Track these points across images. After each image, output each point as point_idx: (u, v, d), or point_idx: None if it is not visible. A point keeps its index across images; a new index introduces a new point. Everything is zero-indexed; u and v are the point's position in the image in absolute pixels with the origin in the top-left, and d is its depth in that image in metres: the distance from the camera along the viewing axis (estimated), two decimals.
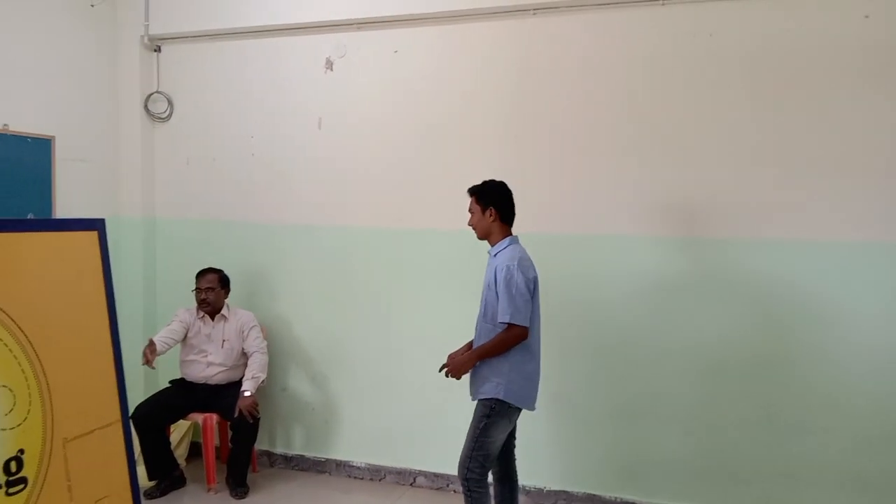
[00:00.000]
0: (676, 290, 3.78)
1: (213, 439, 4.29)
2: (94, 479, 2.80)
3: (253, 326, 4.37)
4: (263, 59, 4.54)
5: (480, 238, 3.34)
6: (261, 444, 4.59)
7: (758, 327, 3.67)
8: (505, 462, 3.41)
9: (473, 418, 3.20)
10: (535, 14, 3.93)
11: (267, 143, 4.56)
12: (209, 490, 4.24)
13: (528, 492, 4.04)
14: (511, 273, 3.09)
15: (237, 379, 4.31)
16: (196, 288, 4.32)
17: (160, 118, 4.77)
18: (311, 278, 4.51)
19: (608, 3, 3.80)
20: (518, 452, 3.49)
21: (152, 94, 4.74)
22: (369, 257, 4.35)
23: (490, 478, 3.29)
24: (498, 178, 3.38)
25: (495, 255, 3.25)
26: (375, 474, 4.42)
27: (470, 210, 3.32)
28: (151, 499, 4.06)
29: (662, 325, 3.81)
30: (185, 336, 4.33)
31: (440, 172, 4.13)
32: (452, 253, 4.11)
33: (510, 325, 3.09)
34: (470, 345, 3.38)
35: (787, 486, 3.65)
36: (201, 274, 4.35)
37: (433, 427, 4.24)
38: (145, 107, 4.73)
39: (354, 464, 4.46)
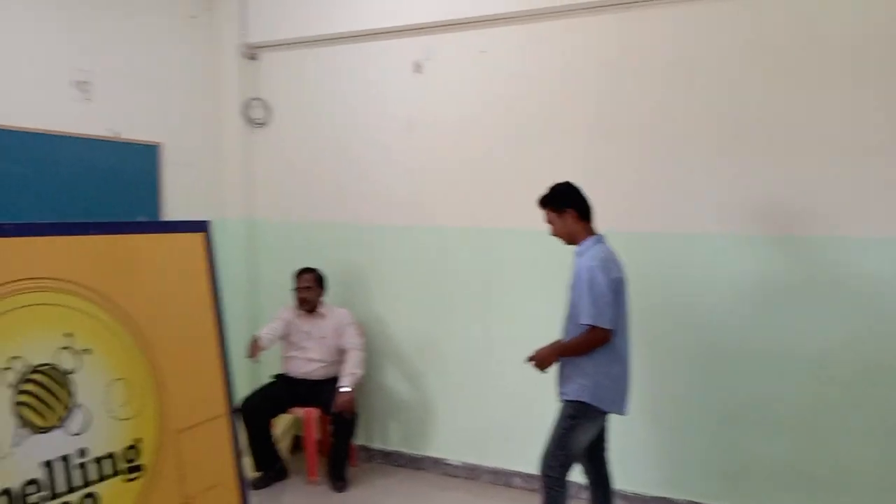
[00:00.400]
0: (778, 291, 3.63)
1: (315, 433, 4.42)
2: (204, 469, 2.92)
3: (349, 324, 4.47)
4: (354, 64, 4.64)
5: (568, 243, 3.27)
6: (359, 439, 4.68)
7: (868, 331, 3.47)
8: (597, 466, 3.36)
9: (558, 417, 3.17)
10: (626, 9, 3.86)
11: (360, 146, 4.66)
12: (311, 482, 4.36)
13: (626, 497, 3.95)
14: (593, 274, 3.03)
15: (336, 375, 4.41)
16: (295, 287, 4.46)
17: (258, 123, 4.94)
18: (405, 278, 4.58)
19: None
20: (617, 456, 3.44)
21: (251, 100, 4.92)
22: (461, 257, 4.38)
23: (582, 479, 3.25)
24: (589, 177, 3.34)
25: (580, 255, 3.20)
26: (471, 473, 4.44)
27: (548, 221, 3.26)
28: (256, 489, 4.20)
29: (765, 328, 3.65)
30: (287, 333, 4.47)
31: (529, 171, 4.10)
32: (544, 252, 4.06)
33: (592, 327, 3.03)
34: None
35: None
36: (299, 273, 4.48)
37: (530, 428, 4.18)
38: (244, 113, 4.92)
39: (450, 461, 4.49)
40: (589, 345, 3.06)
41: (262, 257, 5.05)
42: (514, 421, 4.29)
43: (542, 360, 3.20)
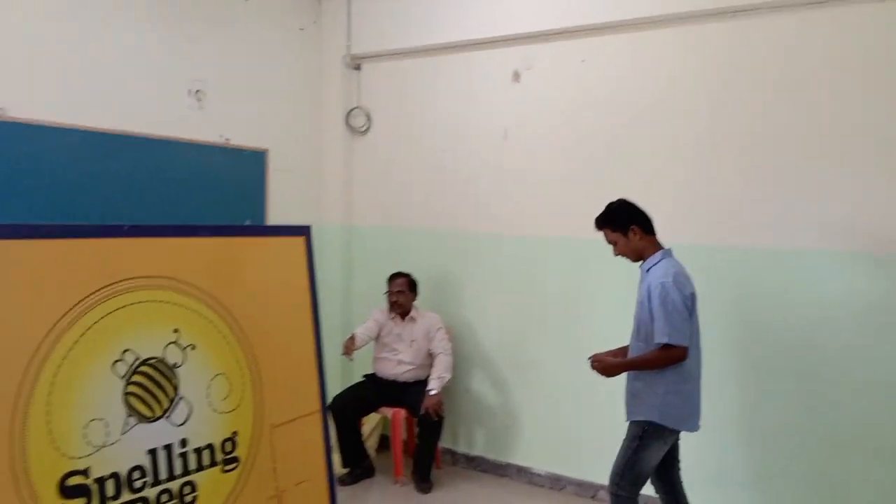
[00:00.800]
0: (888, 313, 3.46)
1: (401, 434, 4.52)
2: (296, 464, 3.04)
3: (439, 328, 4.56)
4: (454, 73, 4.72)
5: (635, 261, 3.22)
6: (444, 442, 4.75)
7: None
8: (671, 486, 3.29)
9: (626, 437, 3.13)
10: (731, 18, 3.77)
11: (455, 154, 4.73)
12: (396, 482, 4.46)
13: None
14: (666, 290, 2.97)
15: (424, 377, 4.50)
16: (388, 291, 4.58)
17: (360, 132, 5.10)
18: (496, 285, 4.62)
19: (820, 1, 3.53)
20: (714, 477, 3.38)
21: (353, 109, 5.08)
22: (553, 267, 4.37)
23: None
24: (691, 191, 3.28)
25: (648, 271, 3.14)
26: (556, 483, 4.43)
27: (610, 241, 3.21)
28: (344, 485, 4.33)
29: (872, 352, 3.48)
30: (379, 335, 4.60)
31: (626, 182, 4.05)
32: (637, 266, 4.05)
33: (667, 346, 2.96)
34: (620, 351, 3.31)
35: None
36: (392, 278, 4.60)
37: (618, 442, 4.18)
38: (346, 121, 5.08)
39: (535, 470, 4.50)
40: (663, 362, 3.00)
41: (357, 261, 5.20)
42: (601, 433, 4.21)
43: (607, 369, 3.16)
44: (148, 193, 3.96)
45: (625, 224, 3.15)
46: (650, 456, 3.09)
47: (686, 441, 3.31)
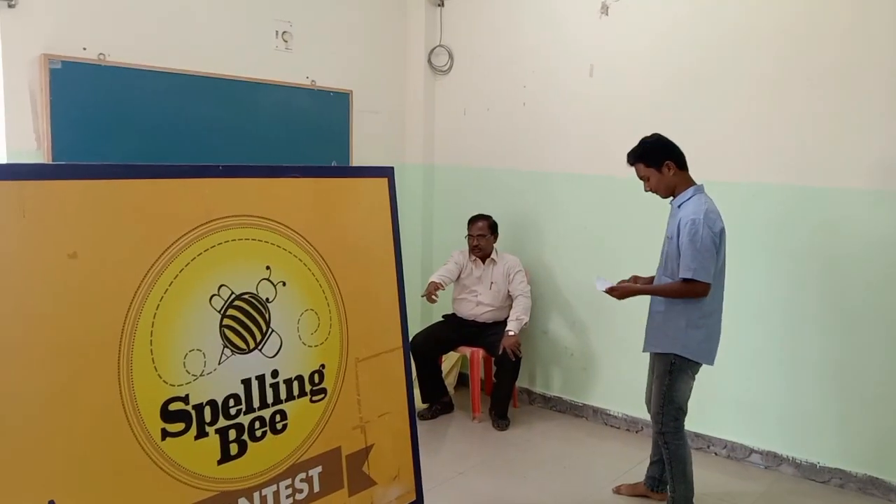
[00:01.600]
0: None
1: (479, 372, 4.61)
2: (379, 397, 3.15)
3: (518, 271, 4.58)
4: (539, 8, 4.63)
5: (666, 196, 3.23)
6: (521, 382, 4.83)
7: None
8: None
9: (657, 374, 3.20)
10: None
11: (538, 92, 4.67)
12: (474, 419, 4.57)
13: (798, 465, 3.86)
14: (697, 227, 2.99)
15: (502, 319, 4.56)
16: (469, 234, 4.61)
17: (441, 71, 5.08)
18: (575, 226, 4.60)
19: None
20: (788, 424, 3.37)
21: (435, 48, 5.06)
22: (635, 208, 4.29)
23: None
24: (783, 127, 3.29)
25: (679, 207, 3.14)
26: (632, 425, 4.46)
27: (642, 176, 3.21)
28: (424, 419, 4.48)
29: None
30: (459, 276, 4.66)
31: (715, 118, 3.96)
32: (723, 204, 3.96)
33: (692, 280, 2.98)
34: (645, 280, 3.37)
35: None
36: (473, 220, 4.62)
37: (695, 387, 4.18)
38: (429, 60, 5.07)
39: (611, 412, 4.54)
40: (683, 294, 3.05)
41: (438, 202, 5.24)
42: None
43: (624, 292, 3.24)
44: (237, 135, 4.07)
45: (659, 159, 3.17)
46: (683, 387, 3.18)
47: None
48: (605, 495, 3.60)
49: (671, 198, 3.24)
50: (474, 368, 4.57)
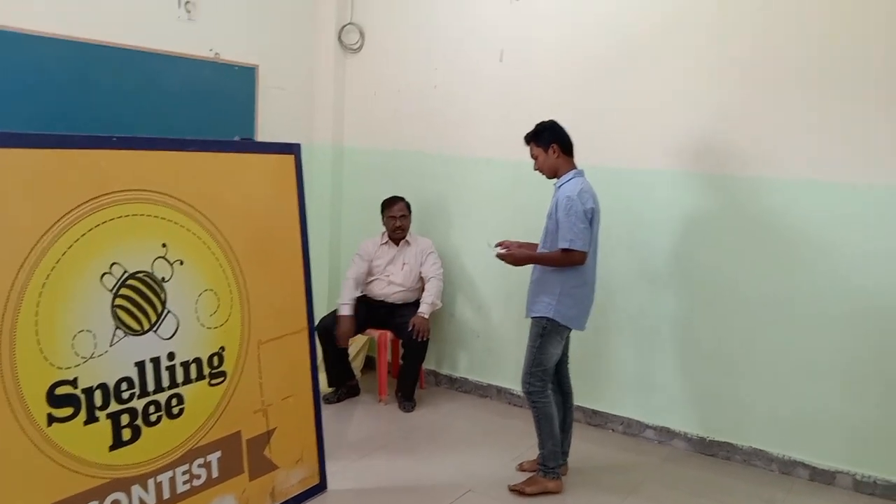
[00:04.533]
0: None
1: (387, 355, 4.59)
2: (282, 379, 3.10)
3: (431, 252, 4.58)
4: None
5: (550, 177, 3.49)
6: (428, 364, 4.84)
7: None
8: (559, 377, 3.62)
9: (529, 337, 3.45)
10: None
11: (449, 76, 4.65)
12: (380, 401, 4.55)
13: (689, 439, 4.06)
14: (572, 203, 3.26)
15: (412, 301, 4.55)
16: (389, 216, 4.55)
17: (352, 49, 4.99)
18: (484, 210, 4.62)
19: None
20: (679, 400, 3.54)
21: (346, 25, 4.96)
22: (543, 192, 4.29)
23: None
24: (695, 111, 3.58)
25: (560, 188, 3.40)
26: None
27: (533, 156, 3.48)
28: (329, 403, 4.42)
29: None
30: (370, 266, 4.60)
31: (624, 106, 4.05)
32: (632, 191, 4.08)
33: (568, 250, 3.26)
34: (528, 245, 3.60)
35: None
36: (391, 202, 4.56)
37: (597, 363, 4.29)
38: (339, 38, 4.97)
39: (515, 392, 4.58)
40: (562, 262, 3.32)
41: (346, 182, 5.16)
42: (578, 355, 4.33)
43: (517, 260, 3.48)
44: (137, 107, 3.89)
45: (547, 141, 3.42)
46: (552, 351, 3.43)
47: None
48: (509, 472, 3.66)
49: (555, 179, 3.47)
50: (381, 351, 4.55)
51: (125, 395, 2.46)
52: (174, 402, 2.63)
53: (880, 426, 3.56)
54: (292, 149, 3.18)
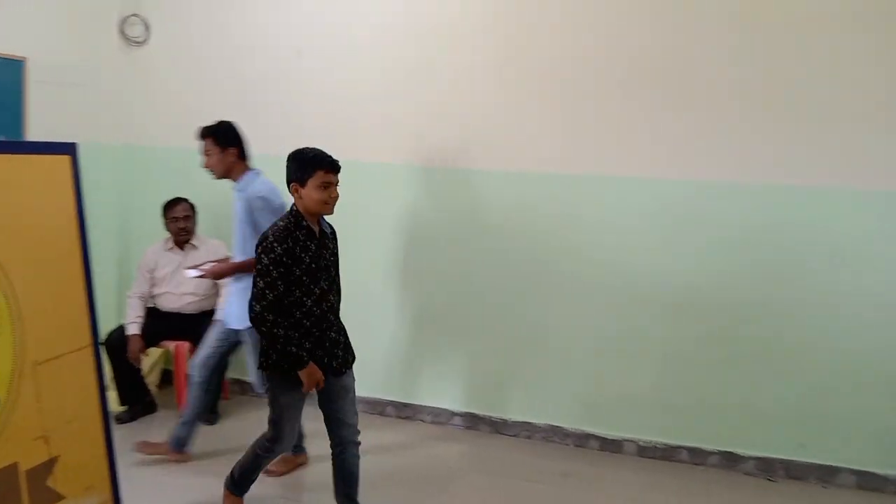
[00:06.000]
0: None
1: (185, 367, 4.35)
2: (65, 402, 2.84)
3: (225, 256, 4.38)
4: None
5: (220, 177, 3.51)
6: (233, 373, 4.66)
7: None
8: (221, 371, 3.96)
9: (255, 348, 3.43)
10: None
11: (244, 71, 4.52)
12: (180, 416, 4.31)
13: (493, 423, 4.27)
14: (268, 201, 3.32)
15: (209, 308, 4.35)
16: (172, 217, 4.31)
17: (136, 42, 4.68)
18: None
19: None
20: (484, 384, 3.94)
21: (129, 16, 4.64)
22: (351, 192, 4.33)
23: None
24: (492, 111, 3.85)
25: (243, 189, 3.43)
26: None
27: (205, 152, 3.48)
28: (122, 423, 4.15)
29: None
30: (154, 277, 4.36)
31: (425, 103, 4.18)
32: (411, 189, 4.26)
33: None
34: (219, 261, 3.69)
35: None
36: (172, 204, 4.34)
37: (403, 358, 4.35)
38: (121, 30, 4.63)
39: None
40: None
41: (137, 184, 4.86)
42: (377, 353, 4.42)
43: (217, 274, 3.56)
44: None
45: (227, 143, 3.45)
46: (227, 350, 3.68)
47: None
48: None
49: (226, 179, 3.49)
50: (179, 363, 4.31)
51: None
52: None
53: (658, 397, 3.95)
54: (67, 148, 2.91)
